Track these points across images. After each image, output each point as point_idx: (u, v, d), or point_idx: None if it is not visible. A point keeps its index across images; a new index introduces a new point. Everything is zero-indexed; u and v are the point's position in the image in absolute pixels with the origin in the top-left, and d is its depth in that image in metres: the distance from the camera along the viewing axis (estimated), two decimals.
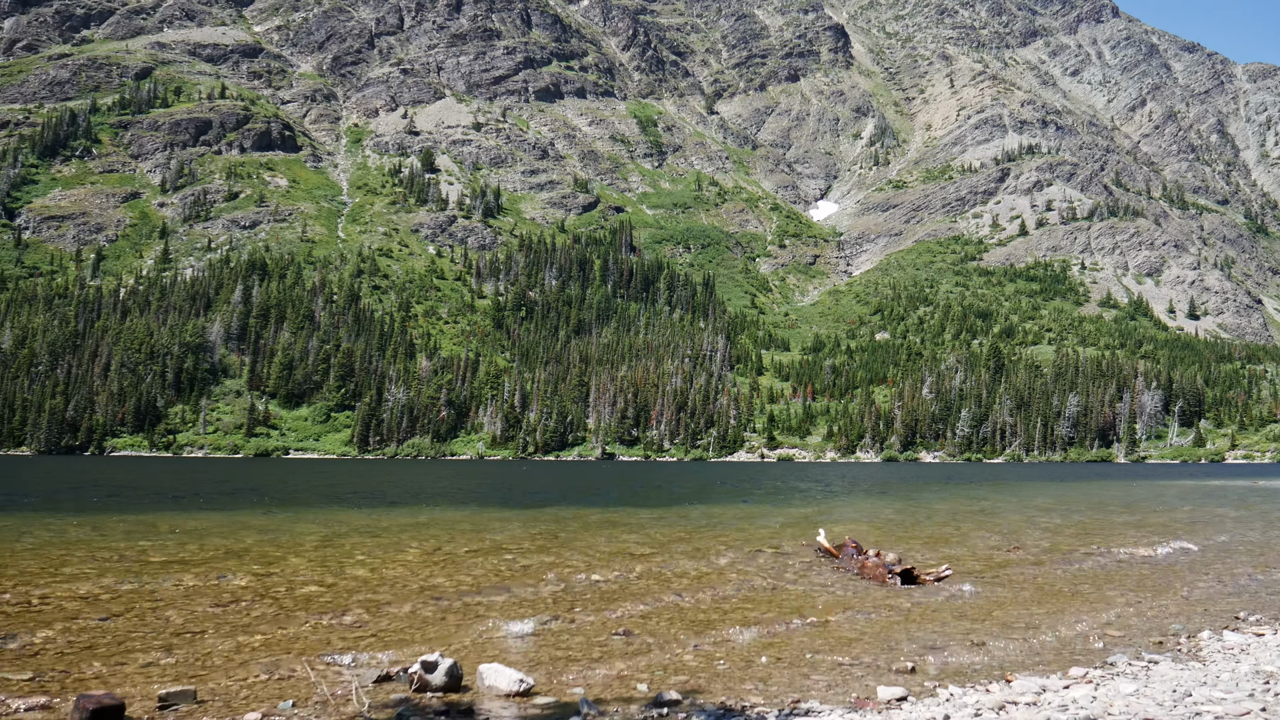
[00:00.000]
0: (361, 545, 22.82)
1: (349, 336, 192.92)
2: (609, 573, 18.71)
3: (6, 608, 13.64)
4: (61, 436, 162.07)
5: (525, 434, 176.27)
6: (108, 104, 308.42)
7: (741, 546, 23.73)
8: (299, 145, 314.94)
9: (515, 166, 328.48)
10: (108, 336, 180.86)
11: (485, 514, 34.42)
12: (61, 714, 8.75)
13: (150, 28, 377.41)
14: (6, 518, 29.49)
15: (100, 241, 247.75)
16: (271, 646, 11.62)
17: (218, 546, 21.67)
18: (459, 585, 16.76)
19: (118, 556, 19.52)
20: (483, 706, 9.39)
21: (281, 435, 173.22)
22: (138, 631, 12.27)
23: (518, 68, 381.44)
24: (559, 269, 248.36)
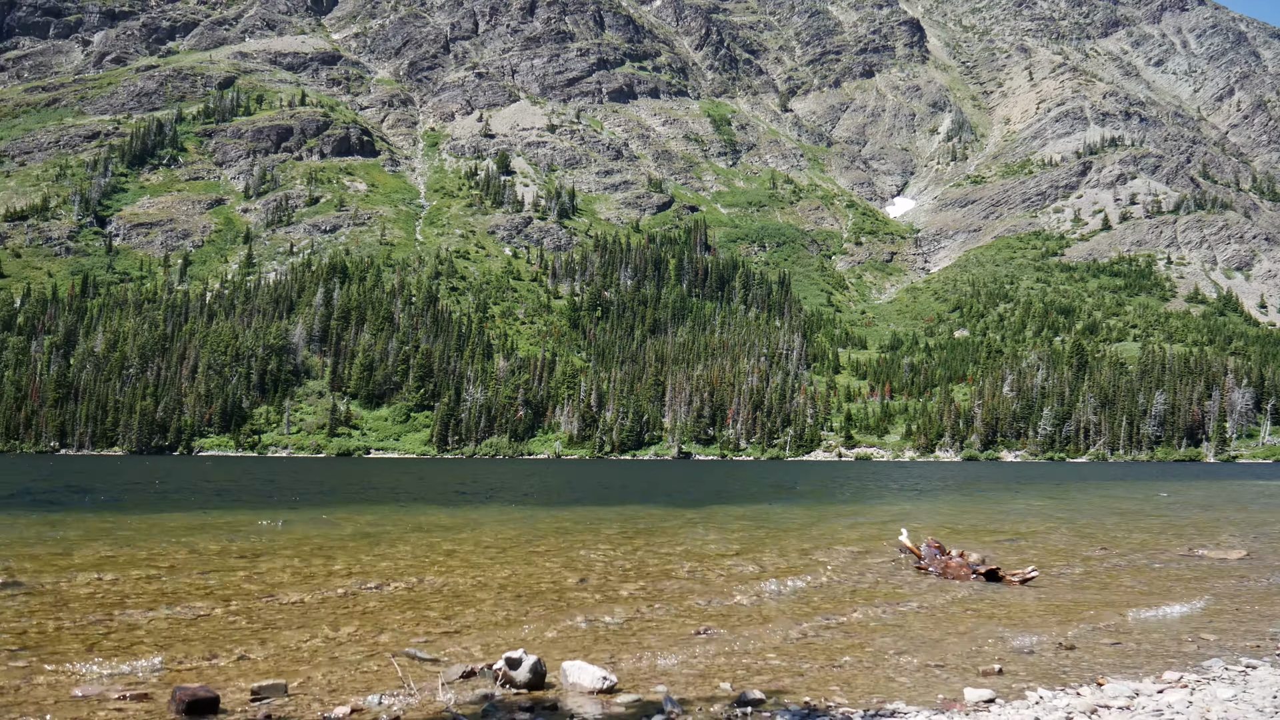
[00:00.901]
0: (444, 542, 23.07)
1: (427, 338, 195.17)
2: (689, 572, 18.69)
3: (105, 601, 14.02)
4: (152, 437, 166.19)
5: (602, 433, 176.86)
6: (193, 113, 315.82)
7: (822, 546, 23.56)
8: (377, 150, 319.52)
9: (590, 167, 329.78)
10: (195, 339, 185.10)
11: (565, 512, 34.59)
12: (159, 705, 8.96)
13: (233, 38, 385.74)
14: (109, 513, 30.33)
15: (187, 247, 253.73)
16: (359, 642, 11.79)
17: (308, 543, 22.05)
18: (540, 582, 16.85)
19: (211, 552, 19.96)
20: (567, 703, 9.43)
21: (362, 435, 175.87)
22: (230, 625, 12.54)
23: (591, 69, 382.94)
24: (634, 269, 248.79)
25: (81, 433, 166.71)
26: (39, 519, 28.92)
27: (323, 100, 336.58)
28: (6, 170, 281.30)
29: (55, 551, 19.91)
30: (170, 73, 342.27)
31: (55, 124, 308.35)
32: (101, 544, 21.54)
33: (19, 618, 12.71)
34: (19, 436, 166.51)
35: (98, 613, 13.26)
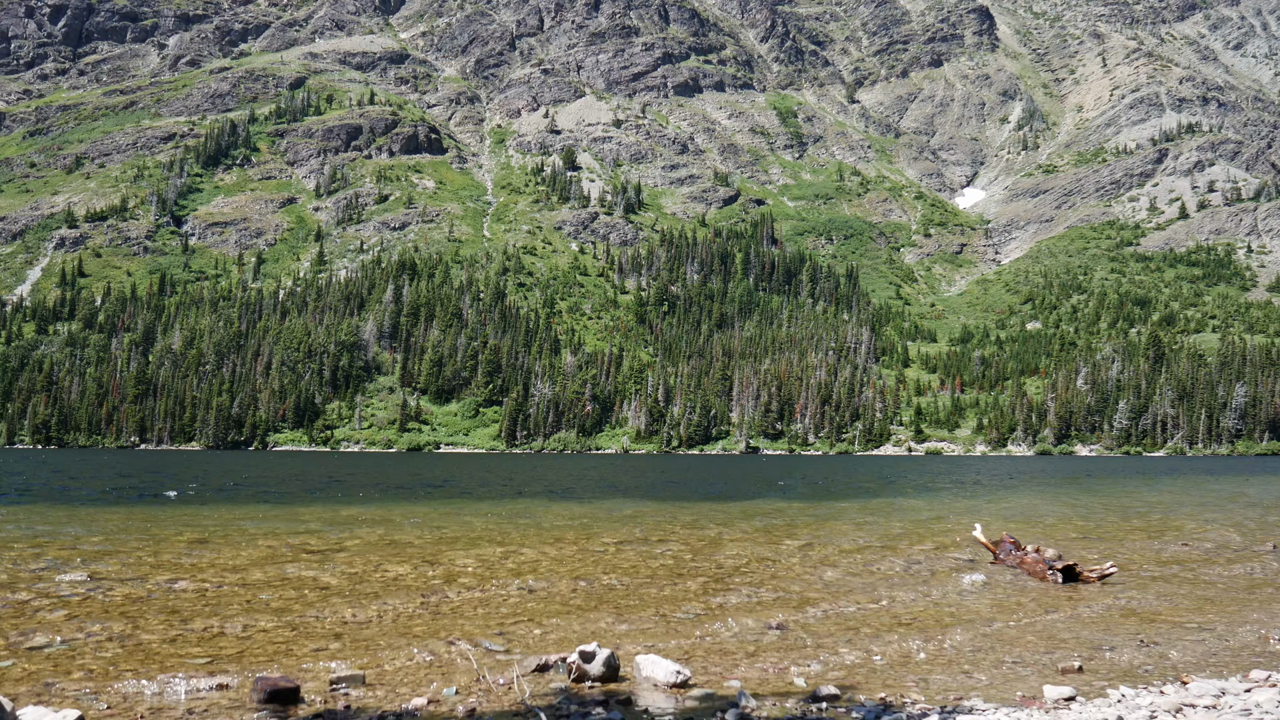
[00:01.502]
0: (516, 536, 23.22)
1: (496, 333, 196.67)
2: (760, 567, 18.62)
3: (187, 592, 14.31)
4: (228, 432, 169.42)
5: (669, 428, 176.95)
6: (265, 113, 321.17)
7: (895, 541, 23.35)
8: (445, 147, 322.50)
9: (655, 162, 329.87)
10: (269, 336, 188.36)
11: (635, 506, 34.65)
12: (240, 694, 9.12)
13: (303, 39, 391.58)
14: (191, 506, 30.99)
15: (260, 245, 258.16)
16: (434, 634, 11.90)
17: (381, 537, 22.33)
18: (611, 576, 16.89)
19: (288, 546, 20.29)
20: (641, 697, 9.43)
21: (432, 430, 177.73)
22: (308, 617, 12.73)
23: (656, 63, 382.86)
24: (700, 263, 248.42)
25: (160, 428, 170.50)
26: (126, 511, 29.61)
27: (391, 99, 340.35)
28: (87, 172, 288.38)
29: (141, 544, 20.36)
30: (243, 74, 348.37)
31: (133, 126, 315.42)
32: (185, 536, 22.00)
33: (106, 609, 13.02)
34: (101, 432, 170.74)
35: (180, 604, 13.54)
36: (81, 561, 17.36)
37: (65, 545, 20.05)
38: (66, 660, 10.27)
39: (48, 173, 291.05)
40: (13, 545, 19.96)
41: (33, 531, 22.86)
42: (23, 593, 14.20)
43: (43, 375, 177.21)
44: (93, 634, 11.51)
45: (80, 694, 9.03)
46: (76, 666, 10.00)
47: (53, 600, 13.64)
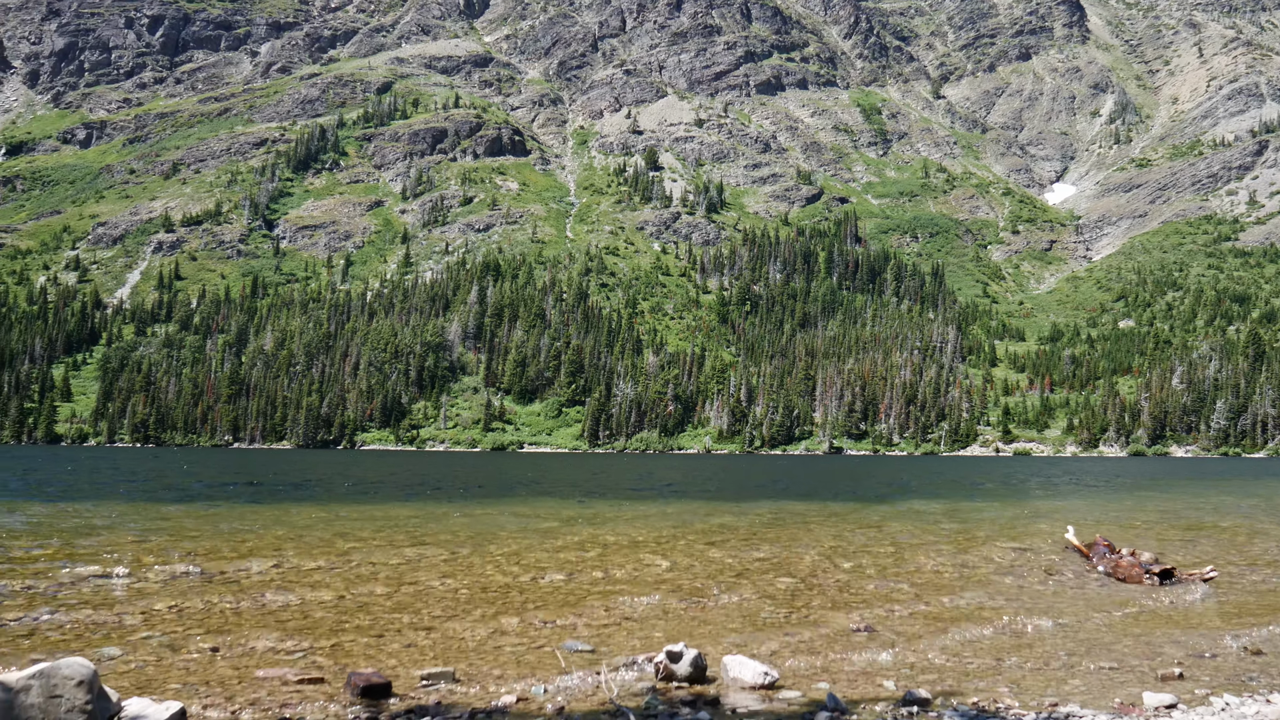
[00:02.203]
0: (602, 534, 23.31)
1: (578, 334, 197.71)
2: (846, 568, 18.45)
3: (281, 587, 14.60)
4: (317, 431, 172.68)
5: (751, 428, 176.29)
6: (353, 118, 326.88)
7: (984, 543, 22.97)
8: (528, 149, 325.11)
9: (737, 161, 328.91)
10: (356, 337, 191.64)
11: (718, 507, 34.58)
12: (334, 688, 9.28)
13: (390, 44, 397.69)
14: (283, 503, 31.68)
15: (348, 248, 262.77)
16: (520, 632, 11.99)
17: (468, 534, 22.57)
18: (696, 576, 16.87)
19: (376, 542, 20.61)
20: (729, 698, 9.40)
21: (516, 430, 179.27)
22: (398, 614, 12.91)
23: (738, 62, 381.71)
24: (783, 262, 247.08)
25: (253, 427, 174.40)
26: (217, 509, 30.35)
27: (475, 102, 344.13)
28: (183, 178, 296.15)
29: (237, 540, 20.85)
30: (331, 80, 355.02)
31: (227, 132, 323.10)
32: (278, 533, 22.48)
33: (204, 603, 13.34)
34: (196, 430, 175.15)
35: (275, 599, 13.83)
36: (184, 556, 17.82)
37: (167, 541, 20.60)
38: (169, 653, 10.54)
39: (146, 179, 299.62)
40: (122, 538, 20.58)
41: (141, 527, 23.53)
42: (128, 585, 14.61)
43: (141, 375, 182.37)
44: (193, 628, 11.80)
45: (182, 686, 9.26)
46: (178, 659, 10.26)
47: (155, 594, 14.01)
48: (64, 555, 18.02)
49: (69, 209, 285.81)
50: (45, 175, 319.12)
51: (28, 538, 20.90)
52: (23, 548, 18.99)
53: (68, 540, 20.44)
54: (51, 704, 7.54)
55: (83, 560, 17.29)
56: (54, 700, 7.55)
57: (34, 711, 7.51)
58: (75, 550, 18.82)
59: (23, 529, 22.80)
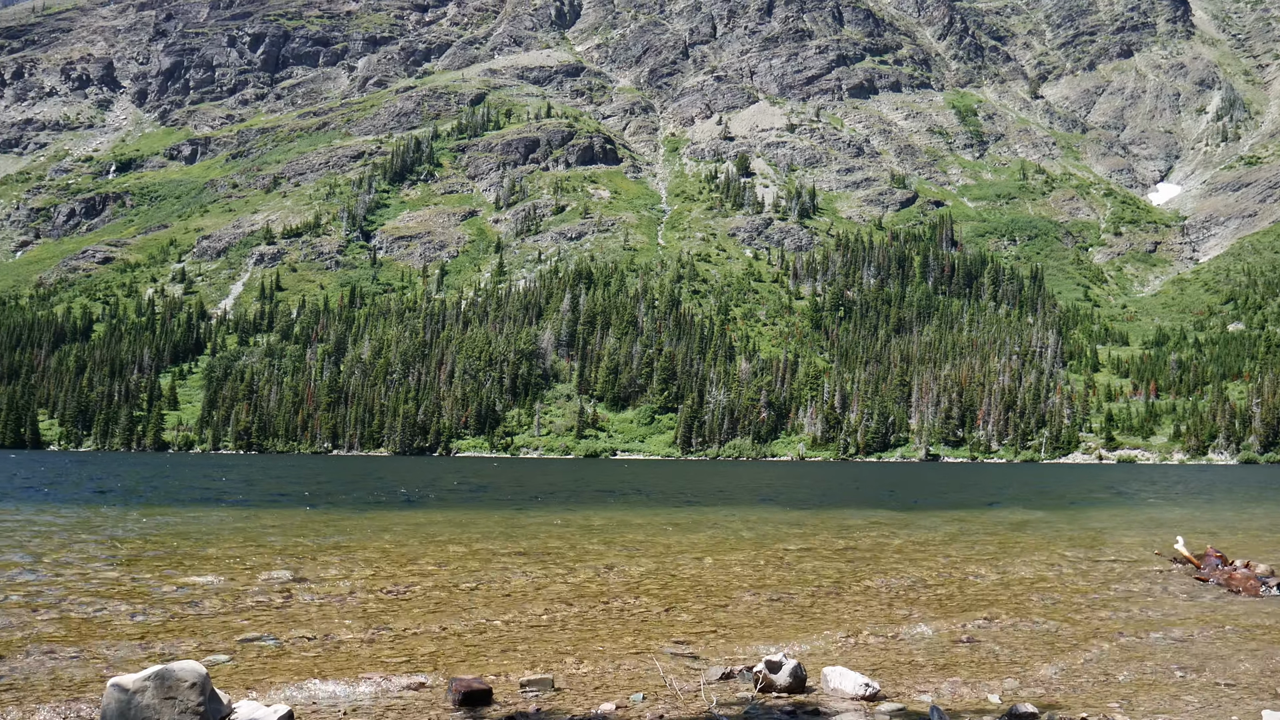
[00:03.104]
0: (698, 541, 23.27)
1: (670, 340, 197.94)
2: (942, 579, 18.13)
3: (380, 594, 14.84)
4: (413, 439, 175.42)
5: (846, 435, 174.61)
6: (447, 130, 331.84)
7: (1090, 552, 22.41)
8: (619, 157, 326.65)
9: (830, 166, 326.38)
10: (451, 345, 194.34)
11: (817, 514, 34.29)
12: (436, 694, 9.38)
13: (483, 56, 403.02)
14: (383, 510, 32.25)
15: (443, 258, 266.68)
16: (617, 640, 12.00)
17: (564, 541, 22.71)
18: (793, 586, 16.72)
19: (474, 550, 20.84)
20: (829, 708, 9.27)
21: (609, 437, 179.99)
22: (495, 622, 13.02)
23: (830, 66, 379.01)
24: (877, 267, 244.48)
25: (351, 434, 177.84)
26: (318, 514, 30.98)
27: (567, 111, 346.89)
28: (283, 191, 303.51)
29: (337, 546, 21.26)
30: (426, 92, 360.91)
31: (325, 146, 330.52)
32: (377, 540, 22.87)
33: (307, 611, 13.60)
34: (296, 438, 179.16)
35: (375, 606, 14.05)
36: (287, 562, 18.22)
37: (274, 547, 21.09)
38: (275, 657, 10.76)
39: (248, 193, 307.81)
40: (229, 547, 21.12)
41: (256, 533, 24.12)
42: (237, 591, 14.98)
43: (244, 384, 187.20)
44: (298, 632, 12.04)
45: (289, 689, 9.44)
46: (284, 663, 10.47)
47: (263, 599, 14.34)
48: (173, 563, 18.58)
49: (175, 223, 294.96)
50: (153, 191, 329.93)
51: (160, 543, 21.56)
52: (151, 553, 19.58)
53: (190, 545, 21.06)
54: (166, 705, 7.75)
55: (196, 569, 17.80)
56: (168, 701, 7.76)
57: (150, 712, 7.73)
58: (185, 558, 19.38)
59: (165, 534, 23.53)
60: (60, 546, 20.46)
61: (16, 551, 19.39)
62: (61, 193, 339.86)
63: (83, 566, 17.33)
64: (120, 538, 22.41)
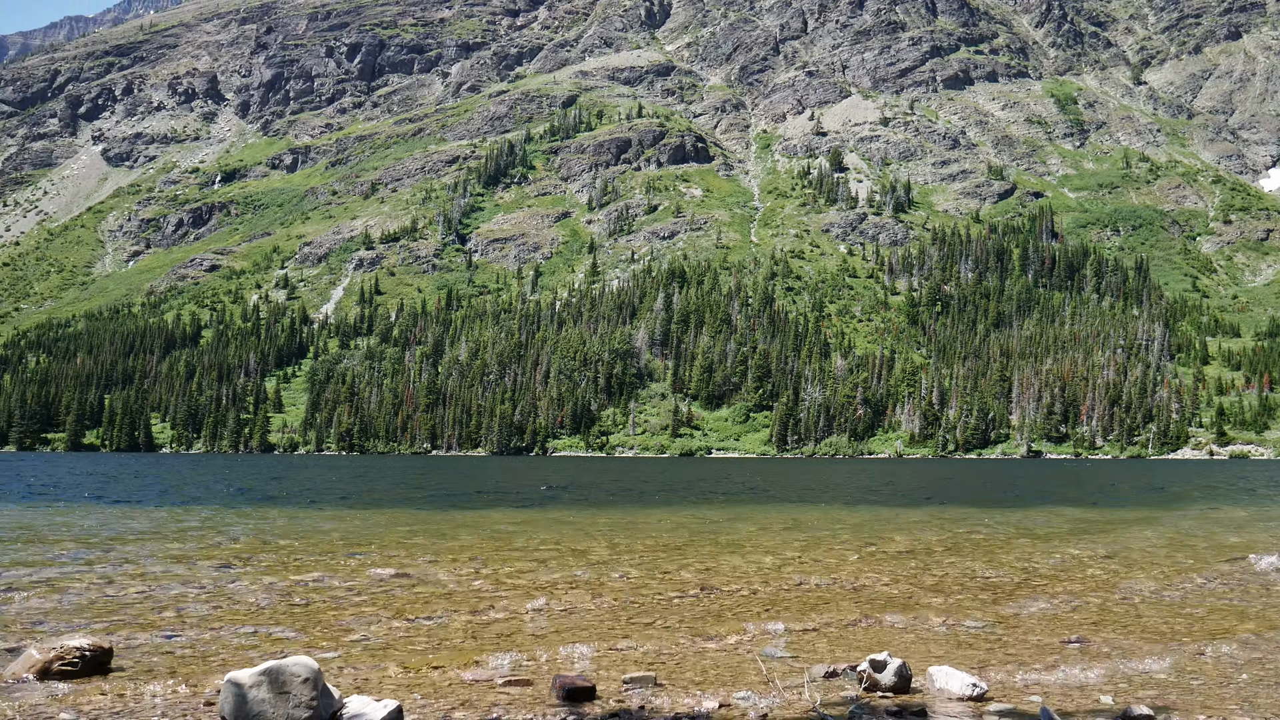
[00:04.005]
0: (796, 539, 23.14)
1: (764, 338, 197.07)
2: (1051, 576, 17.74)
3: (483, 591, 15.03)
4: (510, 439, 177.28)
5: (944, 431, 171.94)
6: (539, 132, 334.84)
7: (1206, 549, 21.75)
8: (711, 155, 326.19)
9: (925, 159, 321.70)
10: (546, 346, 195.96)
11: (916, 511, 33.85)
12: (540, 691, 9.46)
13: (574, 59, 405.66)
14: (484, 509, 32.70)
15: (537, 259, 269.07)
16: (719, 639, 11.98)
17: (663, 539, 22.76)
18: (893, 584, 16.52)
19: (575, 549, 20.99)
20: (936, 709, 9.14)
21: (703, 435, 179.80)
22: (598, 620, 13.09)
23: (924, 58, 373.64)
24: (974, 261, 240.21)
25: (449, 435, 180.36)
26: (421, 513, 31.51)
27: (658, 111, 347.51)
28: (381, 197, 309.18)
29: (439, 543, 21.59)
30: (519, 96, 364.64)
31: (421, 152, 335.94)
32: (479, 537, 23.17)
33: (412, 608, 13.83)
34: (396, 439, 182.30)
35: (478, 603, 14.23)
36: (389, 558, 18.57)
37: (377, 544, 21.52)
38: (381, 652, 10.97)
39: (347, 199, 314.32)
40: (333, 544, 21.61)
41: (368, 531, 24.64)
42: (343, 589, 15.30)
43: (346, 387, 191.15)
44: (403, 628, 12.26)
45: (397, 685, 9.62)
46: (391, 659, 10.66)
47: (370, 595, 14.64)
48: (282, 561, 19.05)
49: (278, 230, 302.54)
50: (256, 200, 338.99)
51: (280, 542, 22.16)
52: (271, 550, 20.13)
53: (308, 544, 21.60)
54: (280, 700, 7.95)
55: (306, 567, 18.23)
56: (282, 696, 7.96)
57: (265, 706, 7.94)
58: (294, 555, 19.87)
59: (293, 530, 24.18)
60: (189, 544, 21.14)
61: (151, 542, 20.08)
62: (170, 203, 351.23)
63: (195, 564, 17.88)
64: (265, 532, 23.09)
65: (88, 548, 20.51)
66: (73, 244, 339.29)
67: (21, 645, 10.74)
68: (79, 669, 9.69)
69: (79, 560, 18.39)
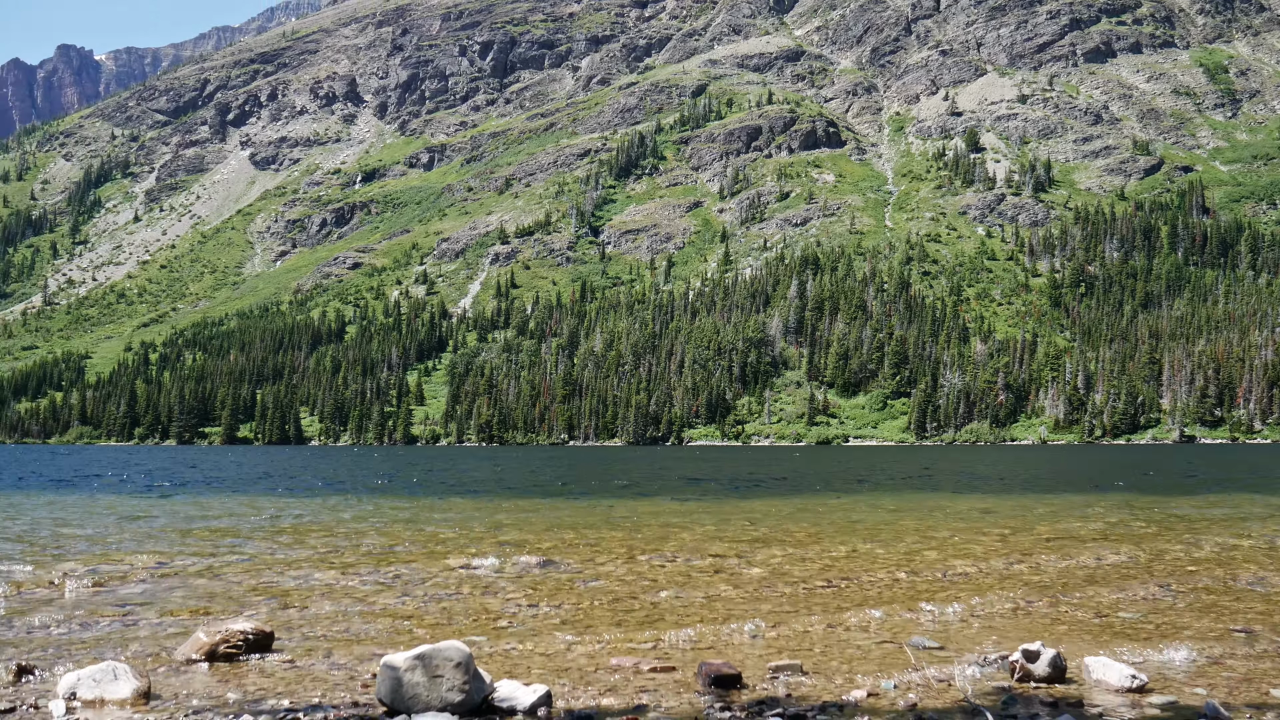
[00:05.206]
0: (940, 527, 22.76)
1: (901, 324, 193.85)
2: (1215, 561, 17.04)
3: (627, 579, 15.17)
4: (646, 428, 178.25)
5: (1090, 417, 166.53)
6: (669, 123, 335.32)
7: None
8: (843, 140, 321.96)
9: (1065, 136, 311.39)
10: (680, 336, 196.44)
11: (1063, 498, 32.91)
12: (685, 677, 9.51)
13: (702, 47, 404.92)
14: (615, 498, 33.03)
15: (669, 249, 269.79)
16: (862, 628, 11.85)
17: (802, 528, 22.63)
18: (1043, 572, 16.10)
19: (711, 536, 21.03)
20: (1093, 701, 8.87)
21: (840, 423, 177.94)
22: (739, 607, 13.10)
23: (1063, 31, 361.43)
24: (1120, 240, 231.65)
25: (586, 425, 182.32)
26: (566, 502, 31.97)
27: (788, 97, 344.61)
28: (515, 192, 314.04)
29: (585, 535, 21.87)
30: (648, 87, 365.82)
31: (553, 146, 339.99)
32: (621, 526, 23.41)
33: (557, 595, 14.05)
34: (534, 430, 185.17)
35: (621, 590, 14.38)
36: (534, 546, 18.89)
37: (522, 532, 21.93)
38: (528, 638, 11.18)
39: (482, 195, 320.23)
40: (480, 532, 22.11)
41: (510, 520, 25.15)
42: (490, 575, 15.64)
43: (484, 379, 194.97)
44: (549, 615, 12.47)
45: (544, 670, 9.79)
46: (537, 644, 10.86)
47: (517, 582, 14.93)
48: (431, 548, 19.56)
49: (416, 228, 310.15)
50: (395, 198, 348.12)
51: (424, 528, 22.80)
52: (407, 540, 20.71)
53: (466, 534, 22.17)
54: (433, 683, 8.18)
55: (451, 553, 18.69)
56: (435, 680, 8.18)
57: (418, 689, 8.18)
58: (442, 543, 20.38)
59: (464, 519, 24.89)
60: (340, 532, 21.90)
61: (307, 531, 20.87)
62: (314, 204, 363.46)
63: (347, 551, 18.50)
64: (415, 521, 23.81)
65: (247, 538, 21.41)
66: (224, 245, 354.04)
67: (190, 628, 11.27)
68: (243, 651, 10.13)
69: (240, 548, 19.22)
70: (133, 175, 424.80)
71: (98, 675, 8.71)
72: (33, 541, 20.54)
